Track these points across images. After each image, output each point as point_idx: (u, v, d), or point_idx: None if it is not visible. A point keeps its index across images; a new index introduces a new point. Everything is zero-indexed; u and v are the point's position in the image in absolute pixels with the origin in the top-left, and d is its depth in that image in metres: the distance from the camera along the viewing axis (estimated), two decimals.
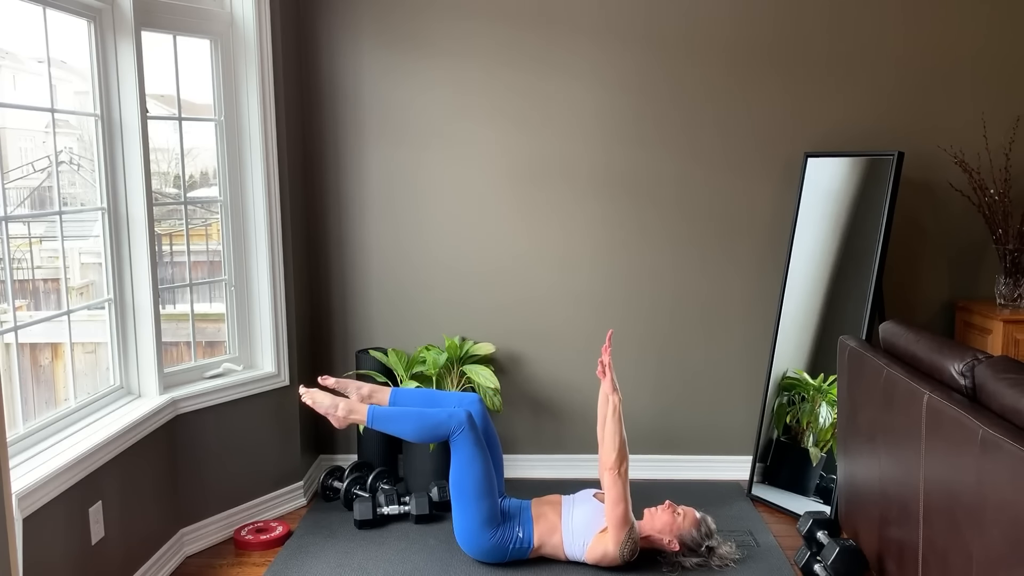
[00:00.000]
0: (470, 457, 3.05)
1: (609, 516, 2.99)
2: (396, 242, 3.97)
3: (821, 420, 3.55)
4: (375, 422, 3.10)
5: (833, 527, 3.16)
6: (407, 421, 3.09)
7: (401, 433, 3.10)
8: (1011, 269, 3.66)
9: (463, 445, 3.05)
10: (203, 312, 3.68)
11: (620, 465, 2.95)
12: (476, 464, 3.05)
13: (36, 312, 3.51)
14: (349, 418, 3.14)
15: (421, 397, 3.36)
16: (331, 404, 3.15)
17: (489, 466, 3.08)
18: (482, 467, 3.05)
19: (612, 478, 2.94)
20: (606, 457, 2.96)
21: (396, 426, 3.09)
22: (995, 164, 3.81)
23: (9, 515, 1.85)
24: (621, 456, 2.96)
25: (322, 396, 3.18)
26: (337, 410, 3.14)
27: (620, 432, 2.97)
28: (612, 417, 2.97)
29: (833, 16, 3.78)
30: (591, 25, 3.81)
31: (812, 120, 3.83)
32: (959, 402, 2.29)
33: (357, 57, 3.86)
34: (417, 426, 3.08)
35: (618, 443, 2.96)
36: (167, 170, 3.56)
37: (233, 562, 3.24)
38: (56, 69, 2.85)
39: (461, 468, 3.05)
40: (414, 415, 3.10)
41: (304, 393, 3.21)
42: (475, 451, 3.05)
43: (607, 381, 3.02)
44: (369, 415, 3.11)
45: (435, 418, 3.08)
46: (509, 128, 3.88)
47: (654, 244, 3.93)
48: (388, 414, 3.11)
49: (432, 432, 3.08)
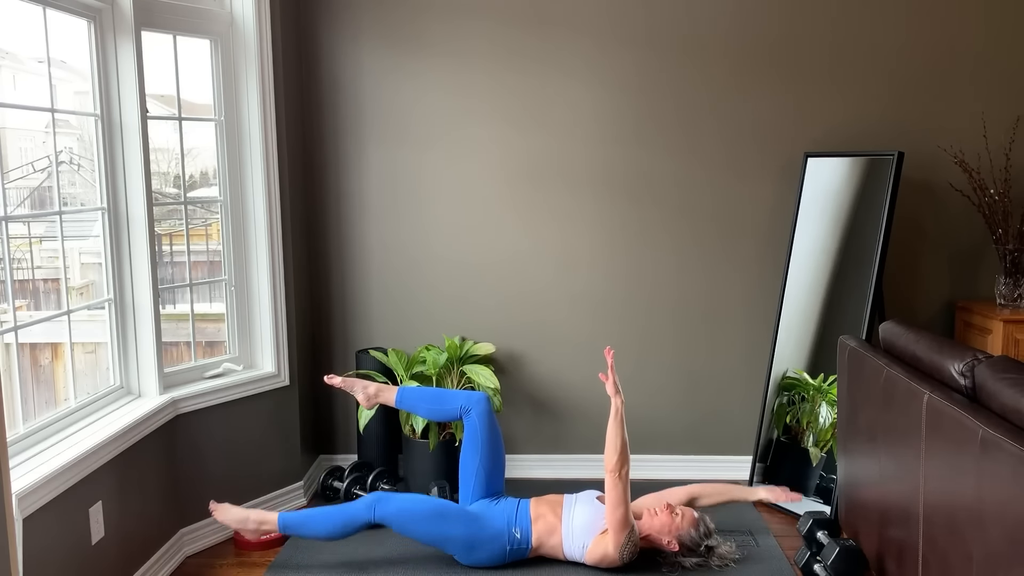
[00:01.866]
0: (401, 518, 3.02)
1: (609, 519, 2.99)
2: (396, 242, 3.97)
3: (821, 420, 3.55)
4: (287, 528, 3.08)
5: (833, 527, 3.16)
6: (319, 521, 3.06)
7: (316, 535, 3.07)
8: (1011, 269, 3.66)
9: (389, 517, 3.02)
10: (203, 312, 3.68)
11: (621, 468, 2.94)
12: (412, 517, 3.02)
13: (36, 312, 3.51)
14: (261, 529, 3.12)
15: (428, 395, 3.36)
16: (241, 518, 3.12)
17: (424, 505, 3.05)
18: (419, 513, 3.03)
19: (612, 480, 2.94)
20: (607, 459, 2.95)
21: (309, 529, 3.07)
22: (995, 164, 3.81)
23: (9, 515, 1.85)
24: (622, 459, 2.94)
25: (232, 512, 3.14)
26: (247, 523, 3.12)
27: (621, 435, 2.96)
28: (613, 419, 2.96)
29: (833, 16, 3.78)
30: (591, 26, 3.81)
31: (812, 120, 3.83)
32: (959, 402, 2.29)
33: (357, 57, 3.86)
34: (330, 524, 3.05)
35: (619, 445, 2.94)
36: (167, 170, 3.57)
37: (233, 562, 3.24)
38: (56, 69, 2.85)
39: (407, 529, 3.03)
40: (325, 514, 3.06)
41: (214, 509, 3.16)
42: (402, 510, 3.02)
43: (609, 384, 3.01)
44: (280, 523, 3.08)
45: (347, 513, 3.04)
46: (509, 128, 3.88)
47: (654, 244, 3.93)
48: (298, 519, 3.08)
49: (348, 526, 3.05)
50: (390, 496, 3.07)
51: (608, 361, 3.03)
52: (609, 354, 3.03)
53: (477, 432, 3.26)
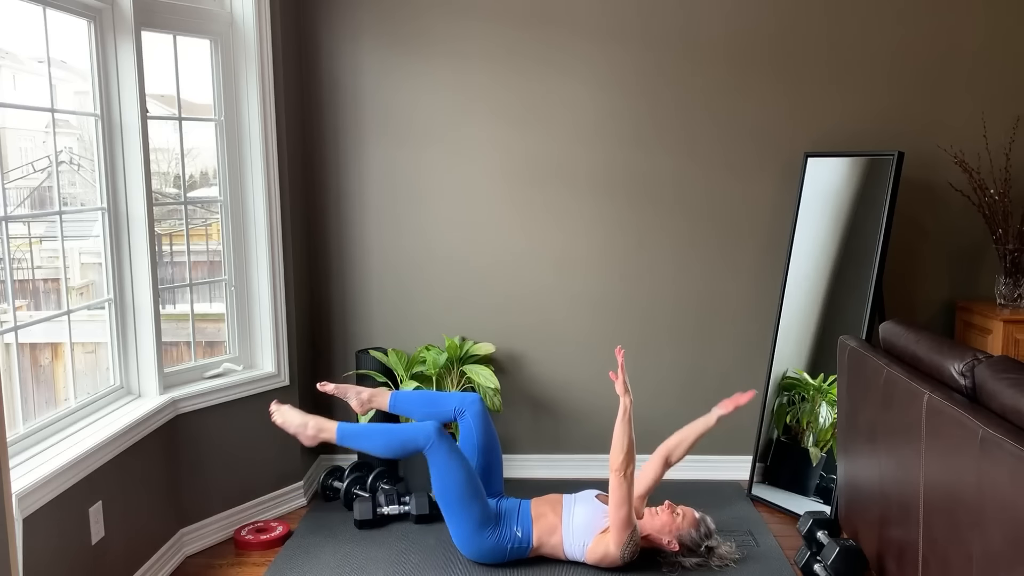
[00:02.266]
0: (447, 467, 3.04)
1: (612, 517, 2.99)
2: (396, 242, 3.97)
3: (821, 420, 3.55)
4: (345, 439, 3.11)
5: (833, 527, 3.17)
6: (376, 437, 3.09)
7: (370, 449, 3.10)
8: (1011, 269, 3.67)
9: (438, 456, 3.04)
10: (203, 312, 3.68)
11: (626, 467, 2.94)
12: (454, 472, 3.04)
13: (36, 312, 3.51)
14: (319, 436, 3.14)
15: (422, 398, 3.36)
16: (301, 423, 3.15)
17: (469, 469, 3.08)
18: (461, 473, 3.05)
19: (617, 480, 2.94)
20: (612, 457, 2.95)
21: (365, 443, 3.10)
22: (995, 164, 3.81)
23: (9, 515, 1.85)
24: (628, 458, 2.94)
25: (293, 415, 3.18)
26: (307, 429, 3.14)
27: (628, 434, 2.95)
28: (621, 419, 2.96)
29: (833, 16, 3.78)
30: (591, 26, 3.81)
31: (812, 120, 3.83)
32: (959, 402, 2.29)
33: (357, 57, 3.86)
34: (386, 441, 3.08)
35: (626, 445, 2.94)
36: (167, 170, 3.57)
37: (233, 562, 3.24)
38: (56, 69, 2.85)
39: (441, 479, 3.05)
40: (383, 431, 3.10)
41: (275, 410, 3.20)
42: (450, 459, 3.05)
43: (619, 383, 3.00)
44: (339, 433, 3.11)
45: (404, 433, 3.08)
46: (509, 128, 3.88)
47: (654, 244, 3.93)
48: (357, 431, 3.12)
49: (402, 447, 3.08)
50: (449, 438, 3.08)
51: (619, 360, 3.02)
52: (620, 353, 3.03)
53: (472, 433, 3.27)
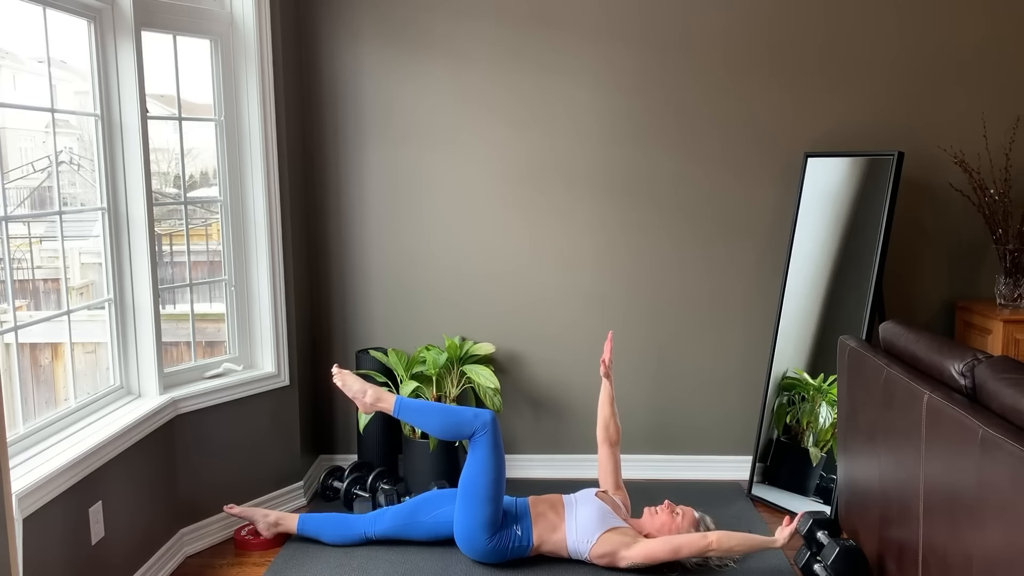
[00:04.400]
0: (487, 459, 3.06)
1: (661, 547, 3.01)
2: (396, 242, 3.97)
3: (821, 420, 3.55)
4: (402, 412, 3.14)
5: (833, 527, 3.16)
6: (434, 415, 3.12)
7: (425, 426, 3.13)
8: (1011, 269, 3.66)
9: (483, 446, 3.06)
10: (203, 312, 3.68)
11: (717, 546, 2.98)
12: (491, 467, 3.06)
13: (36, 312, 3.51)
14: (377, 405, 3.17)
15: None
16: (360, 389, 3.18)
17: (502, 471, 3.09)
18: (496, 471, 3.07)
19: (704, 545, 2.98)
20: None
21: (422, 419, 3.13)
22: (995, 164, 3.81)
23: (9, 515, 1.85)
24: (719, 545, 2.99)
25: (353, 379, 3.21)
26: (366, 395, 3.17)
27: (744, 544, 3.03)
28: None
29: (833, 16, 3.78)
30: (592, 27, 3.81)
31: (812, 120, 3.83)
32: (959, 402, 2.29)
33: (357, 57, 3.86)
34: (443, 421, 3.11)
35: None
36: (167, 170, 3.57)
37: (233, 562, 3.24)
38: (56, 69, 2.85)
39: (476, 469, 3.06)
40: (441, 410, 3.13)
41: (336, 373, 3.23)
42: (493, 454, 3.07)
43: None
44: (396, 405, 3.15)
45: (462, 415, 3.10)
46: (509, 129, 3.88)
47: (654, 244, 3.93)
48: (416, 406, 3.14)
49: (457, 429, 3.10)
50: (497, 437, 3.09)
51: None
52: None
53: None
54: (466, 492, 3.07)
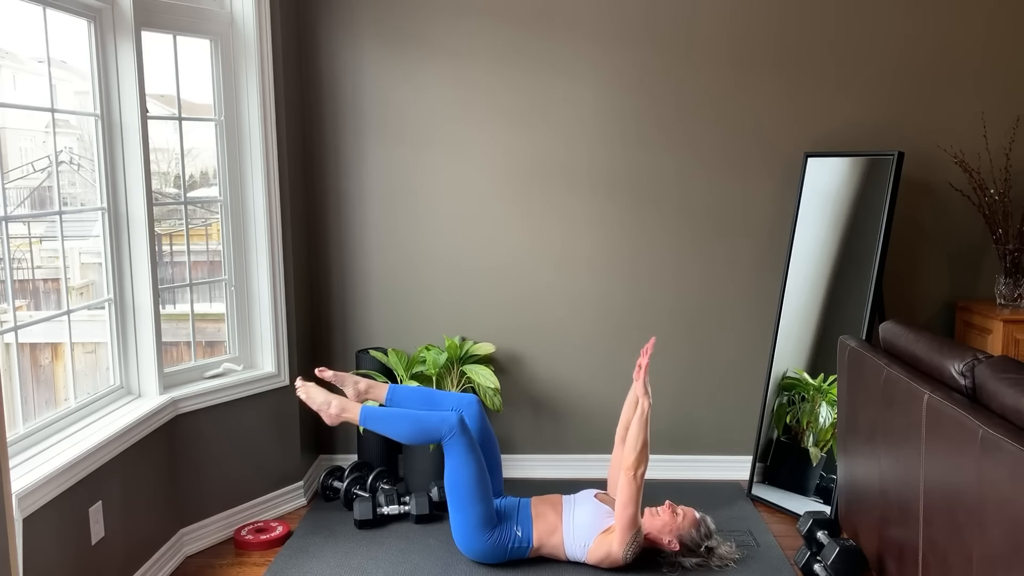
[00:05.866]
0: (463, 461, 3.05)
1: (618, 516, 2.99)
2: (396, 242, 3.97)
3: (821, 420, 3.55)
4: (368, 422, 3.10)
5: (833, 527, 3.17)
6: (400, 422, 3.08)
7: (393, 434, 3.10)
8: (1011, 269, 3.67)
9: (456, 449, 3.05)
10: (203, 312, 3.68)
11: (638, 467, 2.94)
12: (469, 467, 3.04)
13: (36, 312, 3.51)
14: (342, 416, 3.14)
15: (419, 396, 3.35)
16: (324, 401, 3.15)
17: (482, 469, 3.08)
18: (475, 470, 3.05)
19: (628, 479, 2.94)
20: (626, 457, 2.96)
21: (389, 427, 3.09)
22: (995, 164, 3.81)
23: (9, 515, 1.85)
24: (640, 459, 2.94)
25: (316, 392, 3.18)
26: (330, 407, 3.14)
27: (644, 435, 2.96)
28: (639, 419, 2.96)
29: (833, 16, 3.78)
30: (592, 25, 3.81)
31: (812, 120, 3.83)
32: (959, 402, 2.29)
33: (357, 57, 3.86)
34: (410, 428, 3.08)
35: (640, 446, 2.95)
36: (167, 170, 3.57)
37: (233, 562, 3.24)
38: (56, 69, 2.85)
39: (454, 471, 3.05)
40: (408, 417, 3.09)
41: (300, 387, 3.21)
42: (467, 455, 3.05)
43: (639, 383, 3.00)
44: (362, 415, 3.11)
45: (428, 421, 3.07)
46: (509, 128, 3.88)
47: (654, 244, 3.93)
48: (381, 414, 3.11)
49: (424, 435, 3.07)
50: (469, 434, 3.07)
51: (643, 362, 3.03)
52: (645, 355, 3.03)
53: (472, 436, 3.25)
54: (453, 496, 3.08)
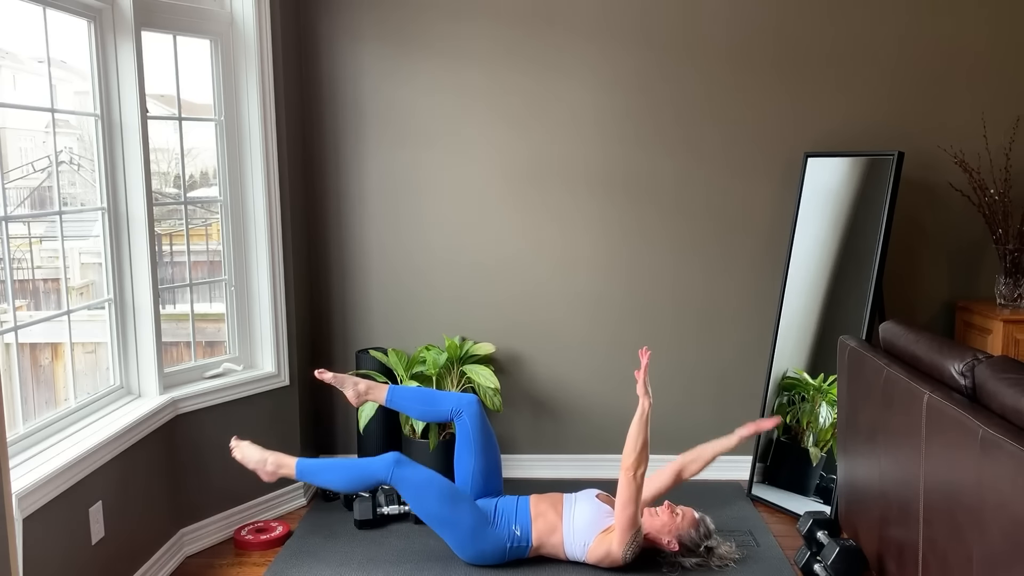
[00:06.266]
0: (417, 491, 3.03)
1: (618, 516, 2.98)
2: (396, 242, 3.97)
3: (821, 420, 3.55)
4: (304, 475, 3.09)
5: (833, 527, 3.17)
6: (336, 472, 3.07)
7: (330, 484, 3.08)
8: (1011, 269, 3.67)
9: (403, 484, 3.04)
10: (203, 312, 3.68)
11: (637, 468, 2.93)
12: (426, 492, 3.03)
13: (36, 312, 3.52)
14: (278, 472, 3.12)
15: (419, 396, 3.35)
16: (260, 459, 3.12)
17: (440, 484, 3.05)
18: (434, 490, 3.03)
19: (626, 479, 2.93)
20: (625, 457, 2.95)
21: (325, 477, 3.08)
22: (995, 164, 3.81)
23: (9, 515, 1.85)
24: (640, 459, 2.93)
25: (251, 450, 3.14)
26: (266, 465, 3.11)
27: (644, 435, 2.94)
28: (639, 419, 2.96)
29: (833, 16, 3.78)
30: (591, 26, 3.81)
31: (812, 120, 3.83)
32: (959, 402, 2.29)
33: (357, 57, 3.86)
34: (347, 476, 3.06)
35: (639, 446, 2.93)
36: (167, 170, 3.57)
37: (233, 562, 3.24)
38: (56, 69, 2.85)
39: (416, 503, 3.05)
40: (343, 466, 3.08)
41: (234, 446, 3.17)
42: (418, 483, 3.03)
43: (639, 384, 2.99)
44: (297, 469, 3.09)
45: (365, 468, 3.06)
46: (509, 129, 3.89)
47: (654, 244, 3.93)
48: (317, 467, 3.09)
49: (363, 481, 3.06)
50: (410, 463, 3.06)
51: (643, 361, 3.02)
52: (645, 355, 3.02)
53: (469, 434, 3.26)
54: (432, 521, 3.07)
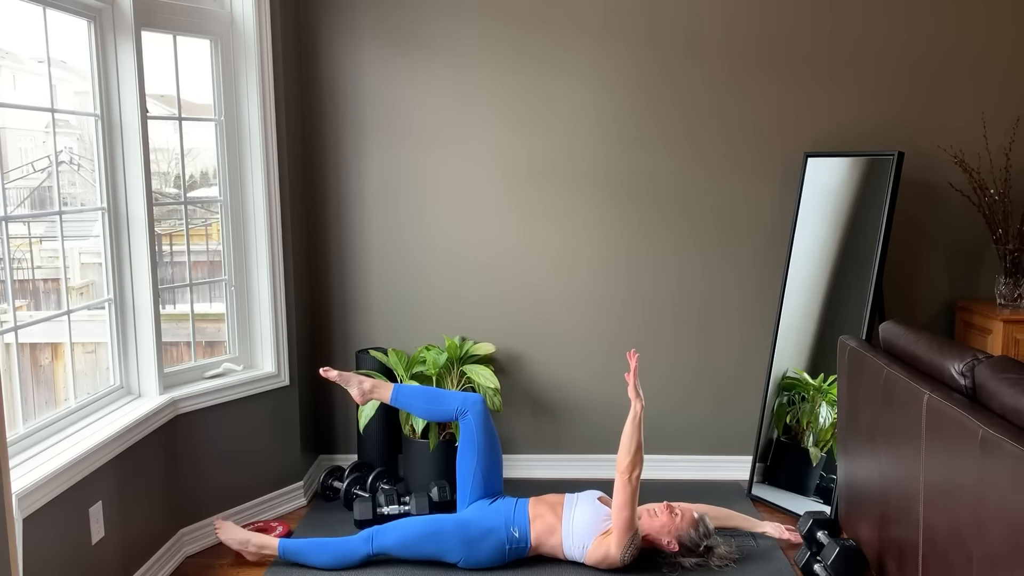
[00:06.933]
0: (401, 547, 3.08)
1: (615, 520, 2.98)
2: (396, 242, 3.97)
3: (821, 420, 3.55)
4: (285, 554, 3.13)
5: (833, 527, 3.17)
6: (320, 552, 3.11)
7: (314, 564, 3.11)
8: (1011, 269, 3.66)
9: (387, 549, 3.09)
10: (203, 312, 3.68)
11: (632, 470, 2.93)
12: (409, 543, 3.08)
13: (36, 312, 3.52)
14: (261, 553, 3.16)
15: (424, 395, 3.36)
16: (243, 540, 3.17)
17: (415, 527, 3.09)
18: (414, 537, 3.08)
19: (622, 482, 2.93)
20: (620, 460, 2.95)
21: (307, 558, 3.11)
22: (995, 164, 3.81)
23: (9, 515, 1.85)
24: (634, 462, 2.93)
25: (234, 532, 3.20)
26: (248, 546, 3.17)
27: (637, 438, 2.94)
28: (632, 422, 2.96)
29: (833, 16, 3.78)
30: (591, 26, 3.81)
31: (812, 120, 3.83)
32: (959, 402, 2.29)
33: (357, 57, 3.86)
34: (328, 556, 3.11)
35: (633, 448, 2.93)
36: (167, 170, 3.57)
37: (233, 562, 3.24)
38: (56, 69, 2.85)
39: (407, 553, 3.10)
40: (322, 546, 3.11)
41: (218, 528, 3.22)
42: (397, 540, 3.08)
43: (630, 387, 2.99)
44: (280, 548, 3.13)
45: (345, 546, 3.10)
46: (509, 128, 3.88)
47: (654, 244, 3.93)
48: (297, 547, 3.13)
49: (346, 559, 3.10)
50: (384, 528, 3.11)
51: (632, 364, 3.02)
52: (633, 357, 3.02)
53: (473, 435, 3.27)
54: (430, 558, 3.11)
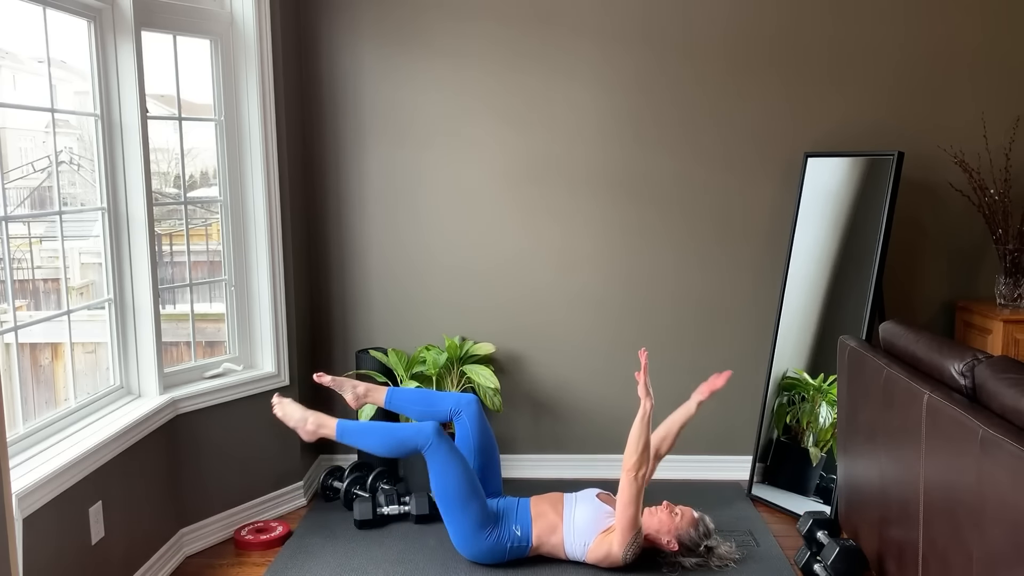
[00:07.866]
0: (446, 467, 3.06)
1: (619, 517, 2.98)
2: (396, 242, 3.97)
3: (821, 420, 3.55)
4: (344, 436, 3.14)
5: (833, 527, 3.17)
6: (375, 435, 3.11)
7: (369, 447, 3.12)
8: (1011, 269, 3.66)
9: (436, 457, 3.06)
10: (203, 312, 3.68)
11: (638, 469, 2.93)
12: (452, 472, 3.05)
13: (36, 312, 3.51)
14: (318, 432, 3.17)
15: (418, 397, 3.36)
16: (301, 418, 3.18)
17: (467, 470, 3.08)
18: (460, 473, 3.05)
19: (628, 480, 2.94)
20: (627, 458, 2.95)
21: (364, 440, 3.12)
22: (995, 164, 3.81)
23: (9, 515, 1.85)
24: (641, 460, 2.93)
25: (293, 408, 3.21)
26: (307, 424, 3.17)
27: (645, 436, 2.94)
28: (640, 420, 2.96)
29: (833, 16, 3.78)
30: (591, 26, 3.81)
31: (812, 120, 3.83)
32: (959, 402, 2.29)
33: (357, 57, 3.86)
34: (385, 441, 3.10)
35: (640, 447, 2.93)
36: (167, 170, 3.57)
37: (233, 562, 3.24)
38: (56, 69, 2.85)
39: (439, 479, 3.06)
40: (382, 430, 3.12)
41: (276, 404, 3.23)
42: (448, 460, 3.06)
43: (640, 385, 2.98)
44: (338, 430, 3.14)
45: (403, 432, 3.10)
46: (509, 128, 3.88)
47: (654, 244, 3.93)
48: (357, 428, 3.14)
49: (400, 447, 3.10)
50: (446, 441, 3.08)
51: (642, 362, 3.01)
52: (643, 355, 3.01)
53: (468, 434, 3.27)
54: (443, 503, 3.08)
